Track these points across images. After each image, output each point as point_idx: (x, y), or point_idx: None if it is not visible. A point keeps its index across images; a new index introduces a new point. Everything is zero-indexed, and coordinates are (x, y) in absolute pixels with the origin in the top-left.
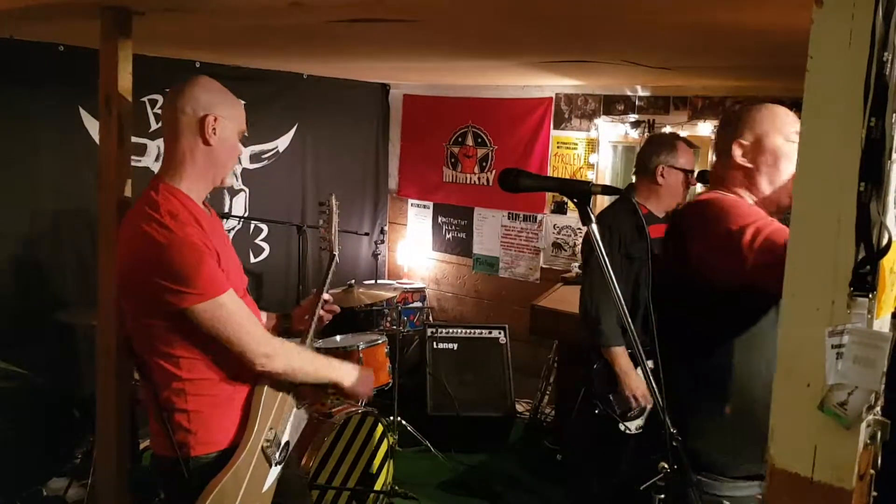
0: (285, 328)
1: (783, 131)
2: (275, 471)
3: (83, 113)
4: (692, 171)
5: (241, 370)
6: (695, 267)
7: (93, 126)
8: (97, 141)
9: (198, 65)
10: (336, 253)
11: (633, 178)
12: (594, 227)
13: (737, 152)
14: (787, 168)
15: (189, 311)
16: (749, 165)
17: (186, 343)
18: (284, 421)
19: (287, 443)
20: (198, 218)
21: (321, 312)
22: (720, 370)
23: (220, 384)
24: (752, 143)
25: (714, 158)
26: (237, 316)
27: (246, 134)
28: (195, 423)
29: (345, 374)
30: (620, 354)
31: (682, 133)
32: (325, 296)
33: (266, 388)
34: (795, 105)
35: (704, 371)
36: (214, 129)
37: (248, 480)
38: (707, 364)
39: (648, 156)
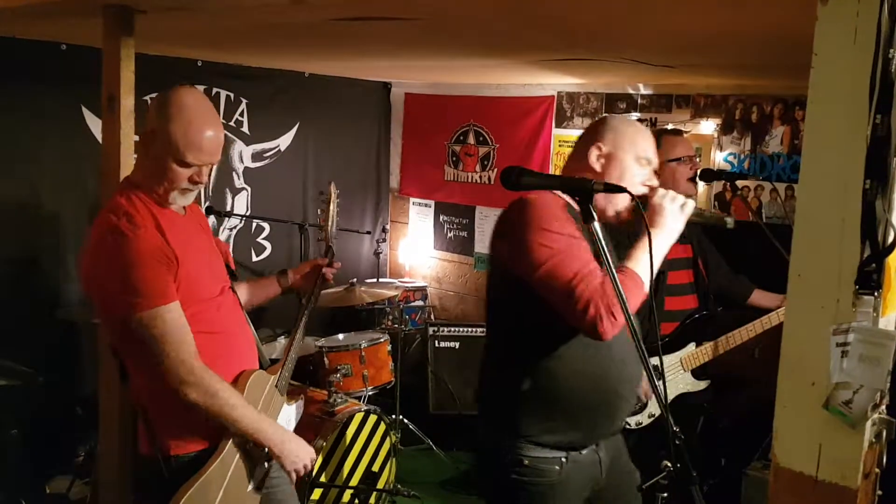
0: (283, 287)
1: (636, 152)
2: (262, 469)
3: (86, 112)
4: (684, 158)
5: (221, 368)
6: (503, 258)
7: (95, 125)
8: (99, 140)
9: (199, 63)
10: (333, 245)
11: None
12: (596, 225)
13: (593, 154)
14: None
15: (126, 318)
16: (599, 171)
17: None
18: (272, 418)
19: None
20: (159, 220)
21: (325, 270)
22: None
23: None
24: (608, 152)
25: (571, 152)
26: (169, 334)
27: (189, 160)
28: (174, 421)
29: (271, 436)
30: None
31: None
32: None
33: (250, 385)
34: (799, 103)
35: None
36: (150, 144)
37: (231, 478)
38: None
39: None
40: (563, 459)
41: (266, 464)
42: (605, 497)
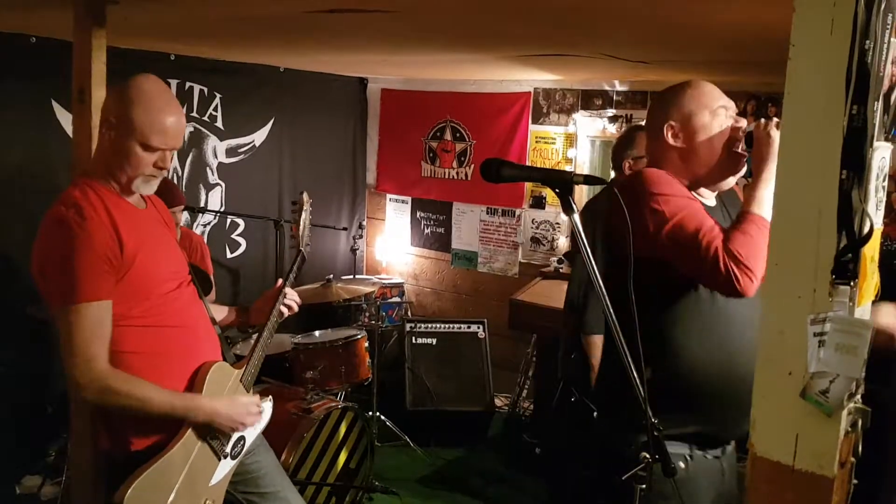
0: (242, 322)
1: (709, 106)
2: (227, 464)
3: (56, 106)
4: None
5: (178, 362)
6: (614, 238)
7: (66, 119)
8: (70, 134)
9: (172, 57)
10: (304, 249)
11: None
12: (576, 217)
13: (668, 134)
14: (718, 142)
15: (54, 308)
16: (682, 146)
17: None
18: None
19: (242, 437)
20: (113, 213)
21: (281, 307)
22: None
23: (152, 377)
24: (681, 124)
25: (647, 142)
26: (83, 332)
27: (155, 144)
28: (130, 416)
29: (193, 412)
30: (600, 343)
31: None
32: (287, 289)
33: (210, 375)
34: (772, 100)
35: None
36: (110, 133)
37: (188, 472)
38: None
39: (616, 154)
40: (689, 457)
41: (226, 451)
42: None
